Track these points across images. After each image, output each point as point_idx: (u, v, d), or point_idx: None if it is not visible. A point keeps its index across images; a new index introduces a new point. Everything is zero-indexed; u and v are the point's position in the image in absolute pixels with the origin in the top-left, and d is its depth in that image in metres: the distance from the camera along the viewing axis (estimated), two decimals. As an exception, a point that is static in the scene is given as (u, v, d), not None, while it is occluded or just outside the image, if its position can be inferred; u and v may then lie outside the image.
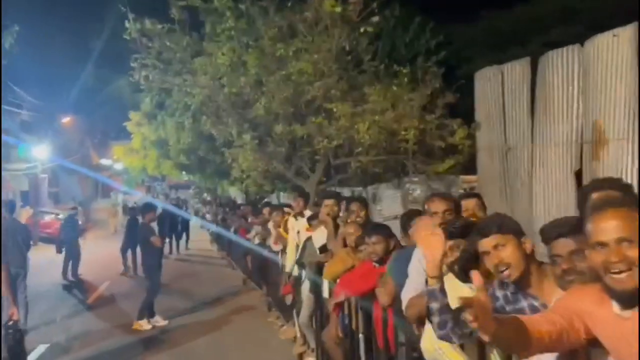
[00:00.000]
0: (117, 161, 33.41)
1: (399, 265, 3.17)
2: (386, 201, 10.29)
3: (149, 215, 8.99)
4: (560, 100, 6.85)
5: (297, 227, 6.18)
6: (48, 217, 23.34)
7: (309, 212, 5.98)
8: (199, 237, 20.96)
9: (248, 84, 9.60)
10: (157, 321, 8.19)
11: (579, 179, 6.61)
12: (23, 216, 20.14)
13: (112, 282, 12.11)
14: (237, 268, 13.55)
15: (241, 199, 23.50)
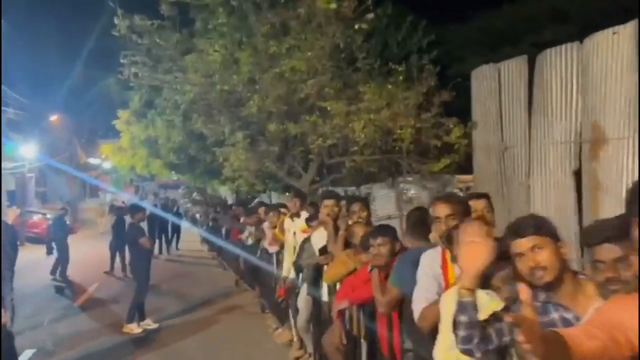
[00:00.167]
0: (106, 160, 33.11)
1: (405, 269, 3.00)
2: (380, 201, 10.22)
3: (138, 215, 8.76)
4: (558, 98, 6.75)
5: (293, 228, 6.01)
6: (36, 217, 23.05)
7: (306, 213, 5.82)
8: (189, 238, 20.76)
9: (240, 82, 9.44)
10: (148, 324, 8.02)
11: (578, 179, 6.53)
12: (10, 216, 19.87)
13: (101, 284, 11.89)
14: (229, 269, 13.38)
15: (231, 199, 23.33)
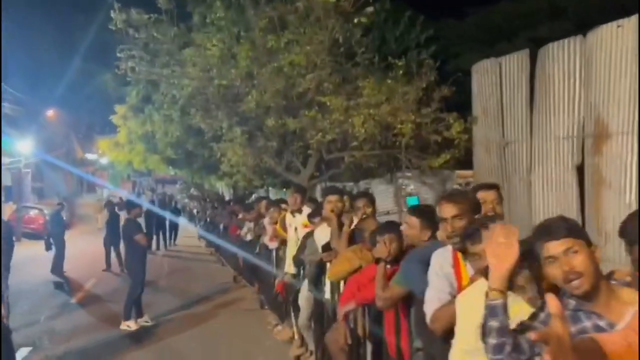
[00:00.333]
0: (103, 155, 32.97)
1: (413, 268, 2.91)
2: (378, 197, 10.09)
3: (135, 210, 8.63)
4: (561, 92, 6.67)
5: (295, 224, 5.94)
6: (32, 213, 22.91)
7: (308, 209, 5.75)
8: (187, 233, 20.69)
9: (238, 76, 9.36)
10: (146, 321, 7.94)
11: (581, 174, 6.46)
12: (6, 212, 19.75)
13: (99, 280, 11.80)
14: (227, 265, 13.31)
15: (229, 195, 23.26)
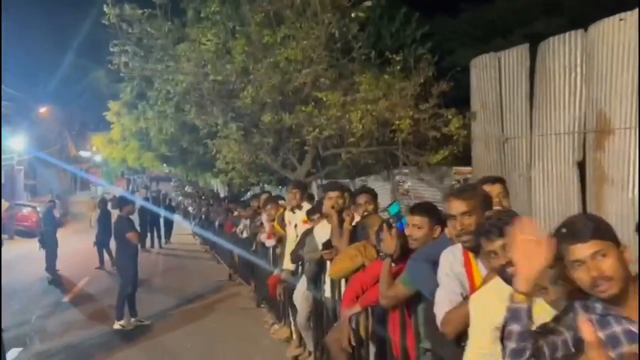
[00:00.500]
0: (96, 153, 32.78)
1: (421, 268, 2.80)
2: (375, 193, 10.04)
3: (127, 208, 8.32)
4: (561, 87, 6.59)
5: (295, 221, 5.80)
6: (25, 210, 22.70)
7: (308, 205, 5.62)
8: (181, 230, 20.55)
9: (234, 72, 9.25)
10: (140, 320, 7.80)
11: (582, 170, 6.39)
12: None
13: (92, 278, 11.64)
14: (222, 262, 13.18)
15: (224, 192, 23.15)
